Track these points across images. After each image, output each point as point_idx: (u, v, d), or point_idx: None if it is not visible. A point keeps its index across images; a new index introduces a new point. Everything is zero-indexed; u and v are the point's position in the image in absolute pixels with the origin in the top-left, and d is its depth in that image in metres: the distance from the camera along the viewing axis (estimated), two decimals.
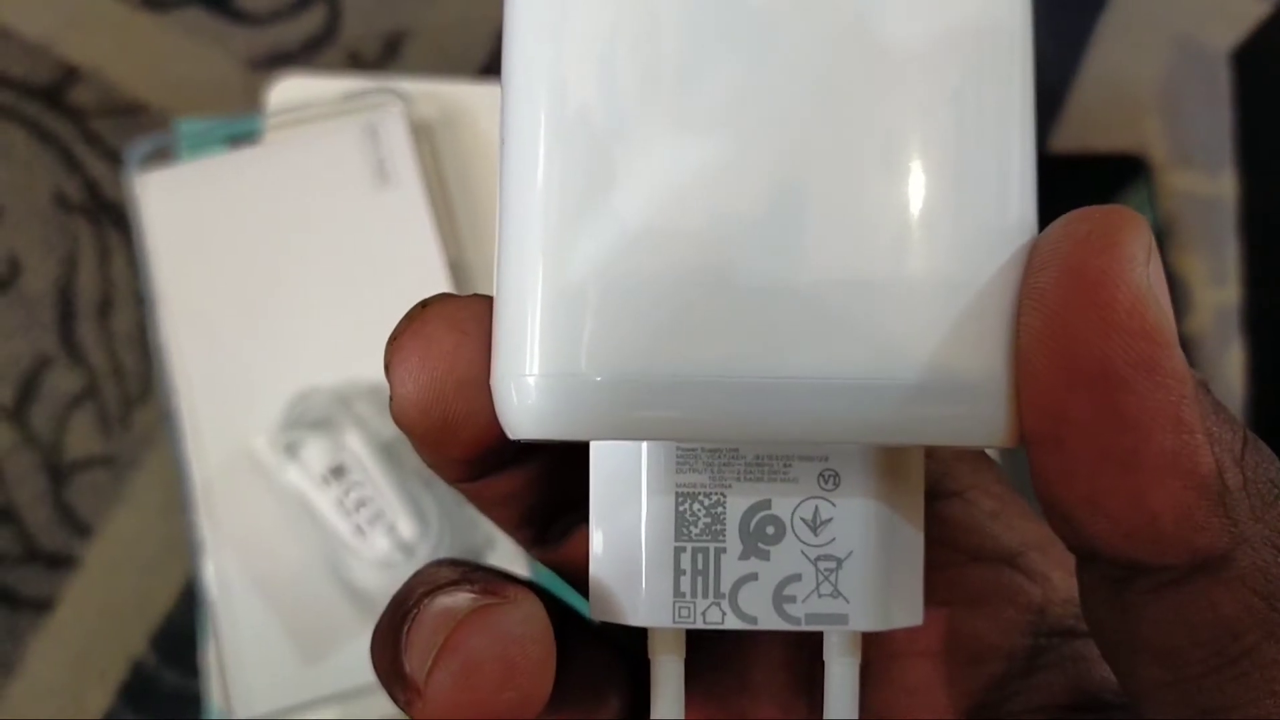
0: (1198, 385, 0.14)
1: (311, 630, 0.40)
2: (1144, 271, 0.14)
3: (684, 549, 0.16)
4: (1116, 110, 0.47)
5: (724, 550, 0.16)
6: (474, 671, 0.15)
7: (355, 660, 0.40)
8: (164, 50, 0.46)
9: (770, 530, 0.16)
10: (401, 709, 0.16)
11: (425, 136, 0.44)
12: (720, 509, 0.16)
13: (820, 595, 0.16)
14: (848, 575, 0.16)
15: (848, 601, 0.16)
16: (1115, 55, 0.47)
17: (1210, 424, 0.14)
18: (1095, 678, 0.18)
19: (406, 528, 0.40)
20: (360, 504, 0.40)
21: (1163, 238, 0.45)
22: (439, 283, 0.42)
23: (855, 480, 0.16)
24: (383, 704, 0.40)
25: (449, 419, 0.16)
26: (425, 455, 0.17)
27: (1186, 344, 0.44)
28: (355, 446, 0.40)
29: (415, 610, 0.16)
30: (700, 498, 0.16)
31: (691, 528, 0.16)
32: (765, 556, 0.16)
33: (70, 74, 0.46)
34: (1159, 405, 0.13)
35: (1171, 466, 0.14)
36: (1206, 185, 0.46)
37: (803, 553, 0.16)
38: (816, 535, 0.16)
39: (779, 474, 0.16)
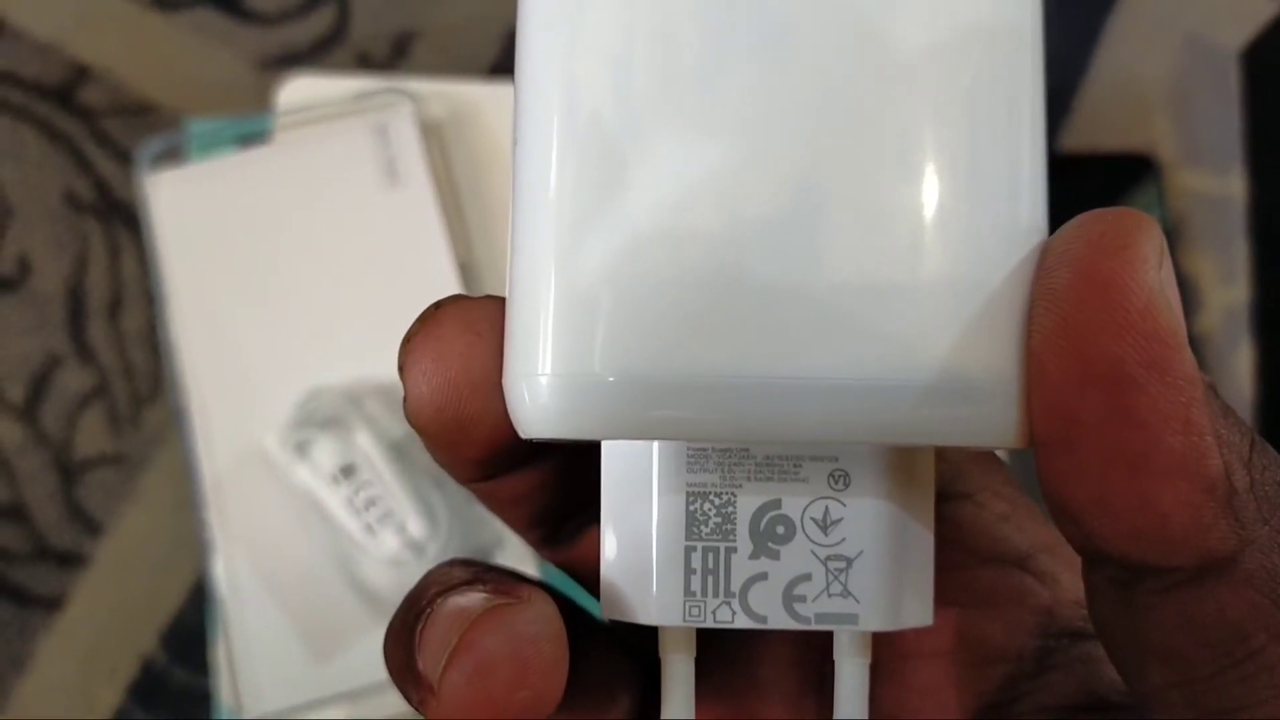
0: (1207, 388, 0.14)
1: (321, 629, 0.40)
2: (1156, 274, 0.14)
3: (694, 548, 0.16)
4: (1126, 109, 0.47)
5: (734, 550, 0.16)
6: (488, 671, 0.15)
7: (365, 659, 0.40)
8: (174, 50, 0.46)
9: (780, 530, 0.16)
10: (415, 708, 0.16)
11: (435, 136, 0.44)
12: (731, 509, 0.16)
13: (830, 595, 0.16)
14: (858, 575, 0.16)
15: (858, 601, 0.16)
16: (1124, 54, 0.47)
17: (1219, 426, 0.14)
18: (1104, 679, 0.18)
19: (416, 526, 0.40)
20: (370, 503, 0.40)
21: (1172, 237, 0.45)
22: (448, 282, 0.42)
23: (866, 480, 0.16)
24: (392, 702, 0.40)
25: (463, 419, 0.16)
26: (438, 455, 0.17)
27: (1195, 343, 0.43)
28: (365, 445, 0.41)
29: (428, 610, 0.16)
30: (711, 497, 0.16)
31: (702, 527, 0.16)
32: (775, 556, 0.16)
33: (81, 74, 0.46)
34: (1169, 407, 0.13)
35: (1180, 468, 0.14)
36: (1216, 184, 0.46)
37: (813, 552, 0.16)
38: (827, 535, 0.16)
39: (789, 474, 0.16)
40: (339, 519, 0.40)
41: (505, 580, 0.16)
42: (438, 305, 0.16)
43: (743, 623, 0.16)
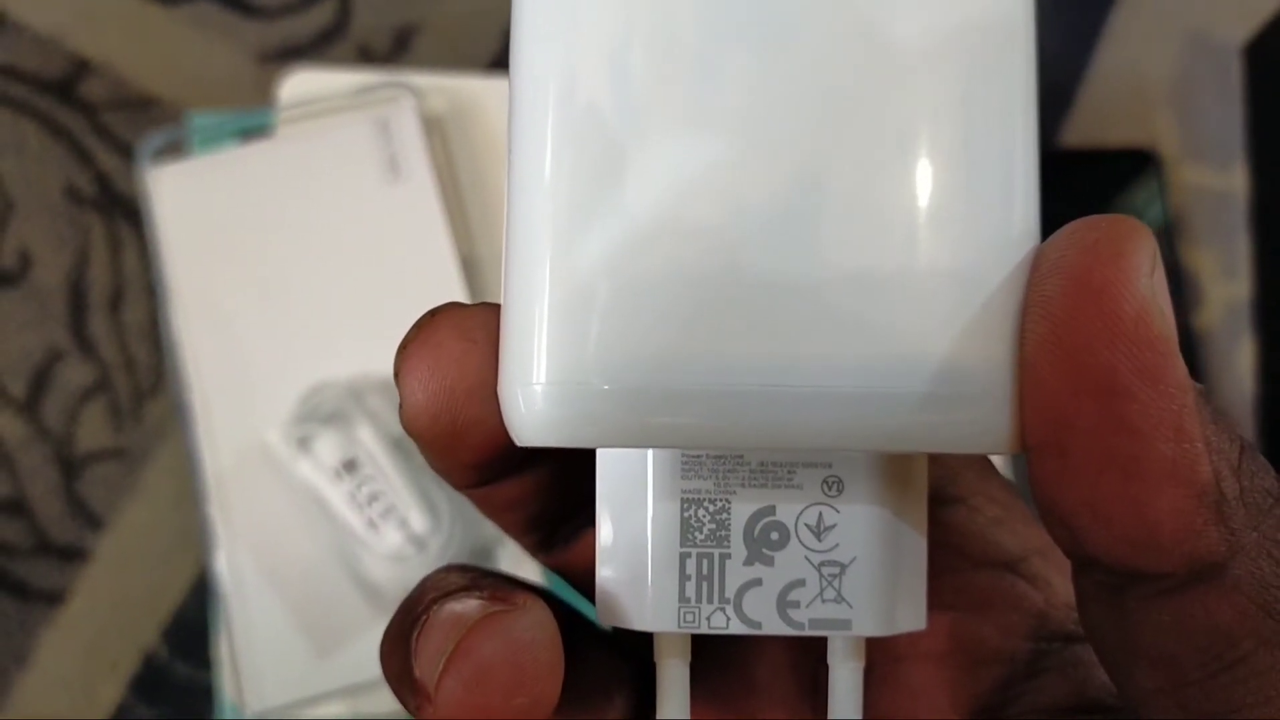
0: (1198, 395, 0.14)
1: (323, 624, 0.41)
2: (1149, 281, 0.14)
3: (689, 554, 0.17)
4: (1127, 104, 0.46)
5: (729, 556, 0.17)
6: (484, 677, 0.15)
7: (367, 654, 0.40)
8: (175, 44, 0.46)
9: (774, 536, 0.16)
10: (412, 714, 0.16)
11: (436, 130, 0.44)
12: (725, 515, 0.17)
13: (824, 600, 0.16)
14: (851, 580, 0.16)
15: (851, 606, 0.16)
16: (1126, 49, 0.47)
17: (1209, 433, 0.14)
18: (1096, 682, 0.18)
19: (418, 521, 0.40)
20: (372, 498, 0.40)
21: (1173, 232, 0.45)
22: (450, 277, 0.42)
23: (859, 486, 0.16)
24: (393, 698, 0.40)
25: (458, 426, 0.16)
26: (434, 462, 0.17)
27: (1197, 338, 0.44)
28: (367, 440, 0.41)
29: (425, 616, 0.16)
30: (705, 504, 0.17)
31: (696, 533, 0.17)
32: (769, 562, 0.16)
33: (82, 67, 0.46)
34: (1161, 414, 0.14)
35: (1171, 474, 0.14)
36: (1217, 179, 0.46)
37: (806, 558, 0.16)
38: (820, 541, 0.16)
39: (783, 480, 0.16)
40: (341, 514, 0.40)
41: (501, 586, 0.16)
42: (433, 313, 0.16)
43: (737, 628, 0.16)
